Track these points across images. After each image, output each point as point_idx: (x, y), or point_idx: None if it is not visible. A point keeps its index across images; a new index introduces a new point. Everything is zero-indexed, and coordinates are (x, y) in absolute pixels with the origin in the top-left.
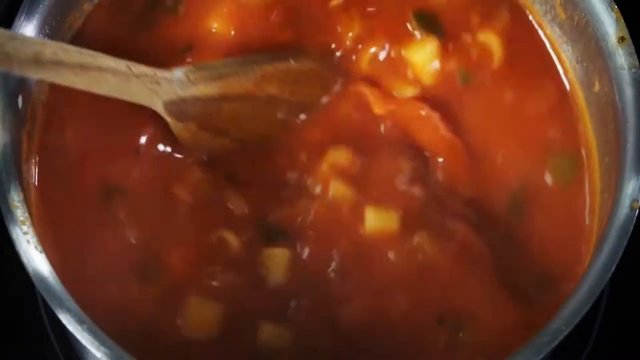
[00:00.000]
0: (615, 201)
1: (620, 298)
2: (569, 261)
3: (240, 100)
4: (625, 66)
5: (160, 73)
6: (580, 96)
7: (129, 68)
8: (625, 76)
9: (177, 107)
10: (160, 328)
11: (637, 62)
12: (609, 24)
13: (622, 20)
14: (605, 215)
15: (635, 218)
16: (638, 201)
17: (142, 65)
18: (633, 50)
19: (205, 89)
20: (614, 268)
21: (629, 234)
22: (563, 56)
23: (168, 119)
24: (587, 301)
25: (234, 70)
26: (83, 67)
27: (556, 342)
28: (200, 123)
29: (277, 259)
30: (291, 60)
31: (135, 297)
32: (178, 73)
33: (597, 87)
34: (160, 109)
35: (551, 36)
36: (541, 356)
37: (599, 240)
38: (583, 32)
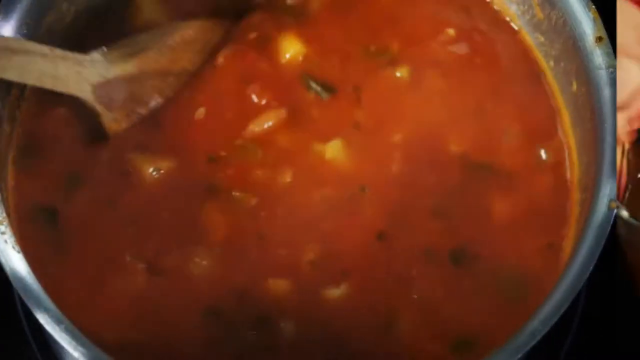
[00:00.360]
0: (593, 201)
1: (598, 298)
2: None
3: (158, 75)
4: (603, 66)
5: (81, 56)
6: (558, 96)
7: (52, 50)
8: (603, 76)
9: (105, 91)
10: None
11: (615, 62)
12: (587, 24)
13: (600, 20)
14: (584, 215)
15: (613, 218)
16: (616, 201)
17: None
18: (611, 50)
19: (126, 65)
20: (592, 268)
21: (607, 233)
22: (541, 56)
23: (99, 108)
24: (564, 301)
25: (146, 44)
26: (13, 51)
27: (534, 342)
28: (127, 110)
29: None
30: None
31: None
32: (96, 55)
33: (574, 87)
34: (90, 96)
35: (529, 37)
36: (519, 356)
37: (577, 240)
38: (561, 32)
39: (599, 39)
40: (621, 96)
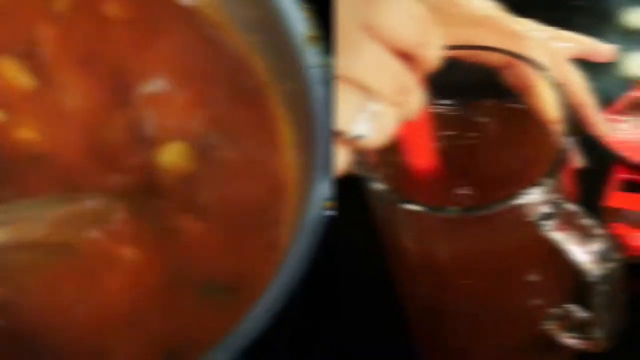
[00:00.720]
0: (307, 202)
1: (315, 301)
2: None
3: (35, 248)
4: (315, 65)
5: None
6: (275, 96)
7: None
8: (315, 75)
9: None
10: None
11: (327, 61)
12: (299, 23)
13: (312, 19)
14: (298, 217)
15: (326, 219)
16: (329, 201)
17: None
18: (323, 49)
19: None
20: (304, 270)
21: (320, 235)
22: (256, 56)
23: None
24: (274, 304)
25: (23, 214)
26: None
27: (246, 343)
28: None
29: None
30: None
31: None
32: None
33: (289, 86)
34: None
35: (243, 36)
36: (232, 356)
37: (291, 244)
38: (274, 32)
39: (311, 39)
40: (379, 142)
